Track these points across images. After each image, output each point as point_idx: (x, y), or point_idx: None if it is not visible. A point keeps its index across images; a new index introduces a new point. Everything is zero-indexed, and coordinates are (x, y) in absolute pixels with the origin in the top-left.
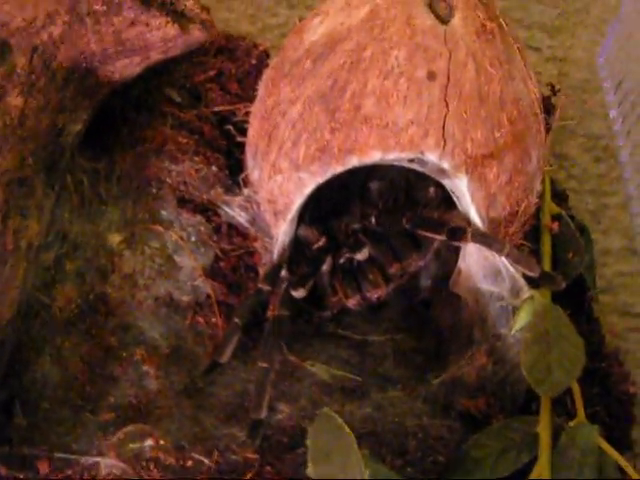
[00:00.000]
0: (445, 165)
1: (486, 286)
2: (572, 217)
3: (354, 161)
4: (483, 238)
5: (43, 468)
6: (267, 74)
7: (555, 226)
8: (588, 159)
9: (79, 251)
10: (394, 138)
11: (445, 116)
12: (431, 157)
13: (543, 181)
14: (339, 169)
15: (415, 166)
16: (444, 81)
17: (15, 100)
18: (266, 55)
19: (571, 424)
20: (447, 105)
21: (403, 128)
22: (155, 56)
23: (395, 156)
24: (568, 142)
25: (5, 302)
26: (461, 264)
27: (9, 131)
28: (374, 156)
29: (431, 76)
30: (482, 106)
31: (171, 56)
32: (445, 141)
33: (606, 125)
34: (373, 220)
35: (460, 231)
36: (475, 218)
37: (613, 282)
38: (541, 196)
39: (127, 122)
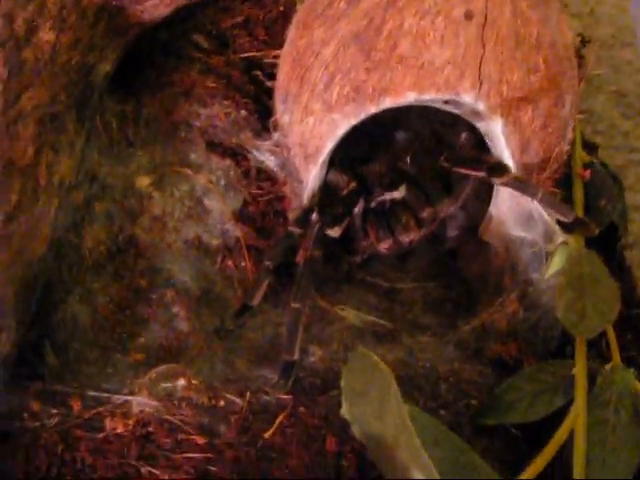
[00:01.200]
0: (480, 107)
1: (518, 232)
2: (604, 165)
3: (388, 102)
4: (518, 182)
5: (76, 405)
6: (298, 16)
7: (587, 174)
8: (615, 115)
9: (108, 192)
10: (430, 78)
11: (482, 57)
12: (467, 98)
13: (574, 129)
14: (373, 110)
15: (450, 108)
16: (481, 21)
17: (47, 35)
18: (293, 2)
19: (607, 367)
20: (484, 46)
21: (439, 68)
22: None
23: (431, 97)
24: (595, 97)
25: (38, 238)
26: (492, 210)
27: (41, 65)
28: (409, 97)
29: (468, 15)
30: (518, 48)
31: None
32: (481, 82)
33: (634, 81)
34: (408, 160)
35: (501, 168)
36: (509, 162)
37: (639, 237)
38: (572, 144)
39: (155, 66)
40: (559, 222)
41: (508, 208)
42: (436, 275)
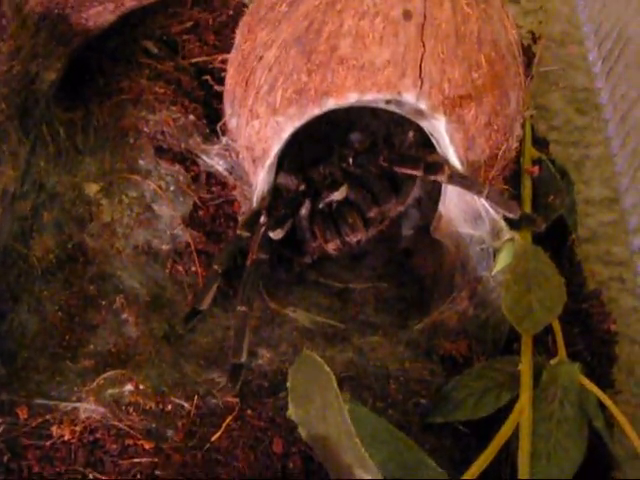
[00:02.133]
0: (422, 106)
1: (466, 230)
2: (552, 161)
3: (331, 103)
4: (462, 180)
5: (22, 413)
6: (244, 20)
7: (535, 170)
8: (570, 110)
9: (56, 201)
10: (371, 79)
11: (422, 56)
12: (408, 97)
13: (523, 125)
14: (316, 111)
15: (392, 107)
16: (420, 20)
17: None
18: (243, 5)
19: (552, 362)
20: (424, 45)
21: (380, 68)
22: (129, 3)
23: (372, 97)
24: (549, 94)
25: None
26: (441, 209)
27: None
28: (351, 97)
29: (407, 15)
30: (459, 46)
31: (146, 3)
32: (422, 81)
33: (587, 77)
34: (351, 161)
35: (437, 166)
36: (454, 160)
37: (596, 231)
38: (521, 140)
39: (103, 73)
40: (506, 218)
41: (456, 206)
42: (390, 274)
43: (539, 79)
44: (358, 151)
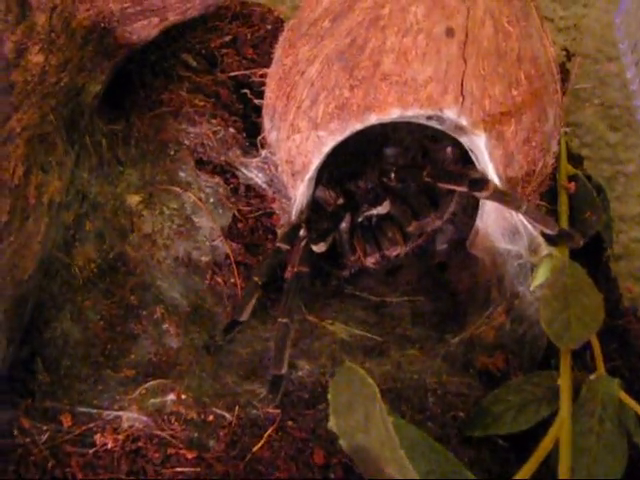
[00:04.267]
0: (463, 122)
1: (504, 245)
2: (589, 177)
3: (373, 118)
4: (501, 195)
5: (66, 421)
6: (284, 36)
7: (572, 186)
8: (602, 127)
9: (98, 211)
10: (413, 94)
11: (463, 73)
12: (449, 114)
13: (559, 142)
14: (358, 126)
15: (433, 123)
16: (462, 38)
17: (36, 57)
18: (281, 21)
19: (591, 377)
20: (465, 62)
21: (422, 85)
22: (173, 17)
23: (414, 112)
24: (582, 110)
25: (28, 256)
26: (479, 224)
27: (30, 87)
28: (393, 113)
29: (450, 32)
30: (500, 63)
31: (189, 17)
32: (463, 97)
33: (621, 94)
34: (393, 176)
35: (481, 182)
36: (493, 176)
37: (629, 248)
38: (557, 157)
39: (144, 86)
40: (543, 234)
41: (494, 221)
42: (425, 289)
43: (572, 96)
44: (400, 166)
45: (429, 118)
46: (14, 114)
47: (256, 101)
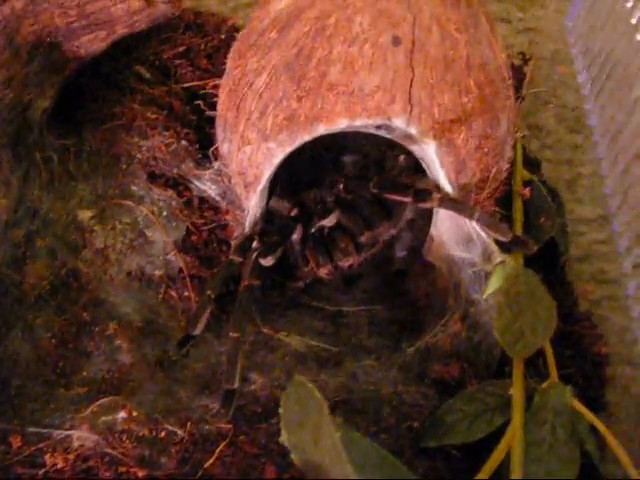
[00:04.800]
0: (412, 130)
1: (458, 253)
2: (544, 182)
3: (321, 129)
4: (453, 204)
5: (15, 442)
6: (235, 46)
7: (526, 192)
8: (562, 129)
9: (49, 227)
10: (360, 104)
11: (411, 81)
12: (398, 123)
13: (514, 147)
14: (307, 137)
15: (382, 133)
16: (409, 46)
17: None
18: (235, 30)
19: (544, 385)
20: (413, 70)
21: (369, 94)
22: (121, 30)
23: (362, 122)
24: (541, 113)
25: None
26: (433, 232)
27: None
28: (341, 123)
29: (396, 41)
30: (448, 71)
31: (137, 30)
32: (412, 106)
33: (579, 96)
34: (341, 187)
35: (426, 193)
36: (445, 184)
37: (588, 250)
38: (512, 162)
39: (96, 99)
40: (497, 242)
41: (448, 229)
42: (383, 297)
43: (531, 98)
44: (349, 177)
45: (378, 127)
46: None
47: (209, 112)
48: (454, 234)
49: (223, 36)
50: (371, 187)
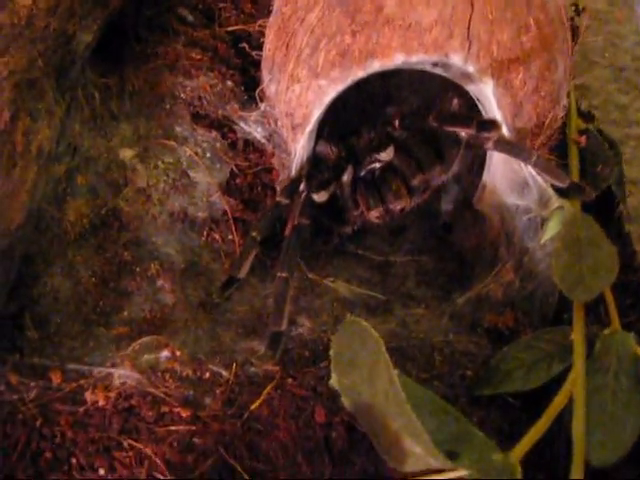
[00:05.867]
0: (470, 68)
1: (512, 200)
2: (600, 131)
3: (376, 65)
4: (510, 146)
5: (55, 378)
6: None
7: (583, 140)
8: (611, 89)
9: (90, 165)
10: (417, 39)
11: (470, 17)
12: (456, 59)
13: (568, 95)
14: (360, 74)
15: (439, 70)
16: None
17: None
18: None
19: (606, 332)
20: (472, 5)
21: (426, 29)
22: None
23: (418, 58)
24: (591, 72)
25: (15, 206)
26: (486, 179)
27: (17, 31)
28: (396, 59)
29: None
30: (508, 7)
31: None
32: (470, 43)
33: (630, 55)
34: (397, 123)
35: (491, 124)
36: (500, 123)
37: (637, 211)
38: (567, 111)
39: (139, 40)
40: (554, 187)
41: (501, 175)
42: (430, 248)
43: (580, 57)
44: (405, 113)
45: (434, 65)
46: (0, 57)
47: (254, 54)
48: (508, 180)
49: None
50: (430, 120)
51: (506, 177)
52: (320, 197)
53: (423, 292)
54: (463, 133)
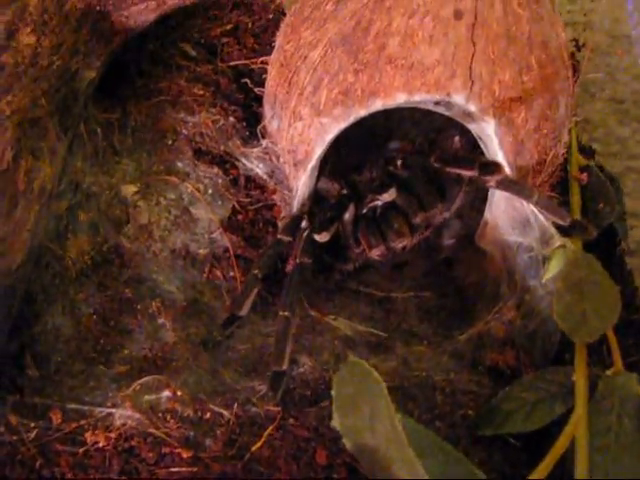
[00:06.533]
0: (472, 108)
1: (514, 237)
2: (601, 168)
3: (378, 104)
4: (512, 184)
5: (56, 418)
6: (286, 21)
7: (584, 177)
8: (612, 122)
9: (92, 201)
10: (420, 79)
11: (472, 56)
12: (458, 99)
13: (570, 132)
14: (362, 113)
15: (441, 109)
16: (471, 20)
17: (27, 38)
18: (282, 11)
19: (608, 373)
20: (474, 45)
21: (429, 68)
22: (171, 1)
23: (421, 98)
24: (591, 104)
25: (16, 245)
26: (488, 216)
27: (21, 70)
28: (399, 98)
29: (458, 15)
30: (510, 47)
31: (188, 3)
32: (472, 82)
33: (630, 89)
34: (399, 163)
35: (493, 166)
36: (503, 165)
37: (639, 244)
38: (568, 147)
39: (142, 74)
40: (556, 225)
41: (503, 212)
42: (431, 284)
43: (581, 89)
44: (407, 153)
45: (436, 104)
46: (4, 96)
47: (257, 90)
48: (510, 218)
49: (271, 16)
50: (432, 161)
51: (508, 214)
52: (322, 237)
53: (424, 329)
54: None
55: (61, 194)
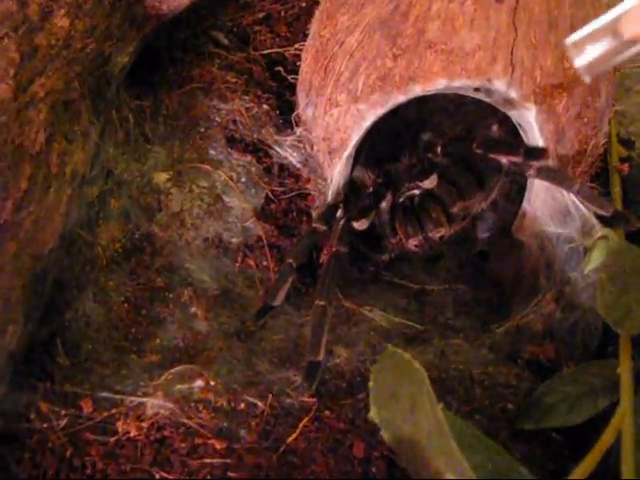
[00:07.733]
0: (513, 94)
1: (553, 228)
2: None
3: (417, 89)
4: (553, 173)
5: (86, 407)
6: (321, 7)
7: (625, 167)
8: None
9: (124, 188)
10: (460, 64)
11: (513, 41)
12: (498, 85)
13: (610, 121)
14: (401, 98)
15: (481, 95)
16: (513, 4)
17: (61, 21)
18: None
19: None
20: (516, 30)
21: (469, 53)
22: None
23: (461, 83)
24: (627, 99)
25: (48, 229)
26: (526, 207)
27: (55, 52)
28: (439, 83)
29: None
30: (552, 31)
31: None
32: (513, 68)
33: None
34: (439, 149)
35: (539, 151)
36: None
37: None
38: (608, 137)
39: (174, 62)
40: (597, 216)
41: (542, 203)
42: (466, 277)
43: (616, 83)
44: (446, 139)
45: (476, 90)
46: (37, 78)
47: (290, 78)
48: (549, 208)
49: (303, 4)
50: (474, 147)
51: (547, 205)
52: (360, 225)
53: (461, 322)
54: (505, 160)
55: (92, 180)
